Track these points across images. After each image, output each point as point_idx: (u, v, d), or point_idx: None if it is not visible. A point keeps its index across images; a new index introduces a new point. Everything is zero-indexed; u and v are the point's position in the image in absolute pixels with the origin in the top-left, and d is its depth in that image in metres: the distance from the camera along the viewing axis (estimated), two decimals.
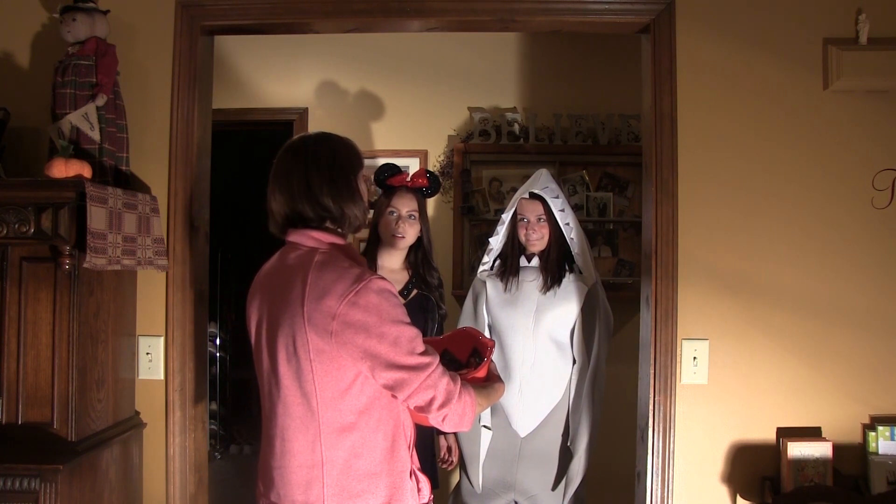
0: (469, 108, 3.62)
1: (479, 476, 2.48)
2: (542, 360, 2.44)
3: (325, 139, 1.64)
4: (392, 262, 2.51)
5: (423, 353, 1.51)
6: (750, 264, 2.22)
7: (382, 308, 1.48)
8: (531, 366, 2.44)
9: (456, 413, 1.54)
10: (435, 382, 1.51)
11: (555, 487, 2.43)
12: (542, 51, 3.68)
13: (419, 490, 1.63)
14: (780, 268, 2.22)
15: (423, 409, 1.53)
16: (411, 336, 1.50)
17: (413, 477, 1.62)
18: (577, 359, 2.45)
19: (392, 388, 1.51)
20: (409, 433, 1.64)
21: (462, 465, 2.56)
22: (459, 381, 1.58)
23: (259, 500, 1.65)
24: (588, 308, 2.46)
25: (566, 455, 2.43)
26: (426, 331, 2.43)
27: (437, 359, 1.55)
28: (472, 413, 1.58)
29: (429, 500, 1.68)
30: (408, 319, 1.53)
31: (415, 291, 2.48)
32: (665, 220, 2.21)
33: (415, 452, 1.67)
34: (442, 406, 1.52)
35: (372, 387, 1.53)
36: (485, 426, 2.50)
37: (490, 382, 1.72)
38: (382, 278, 1.52)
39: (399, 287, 2.48)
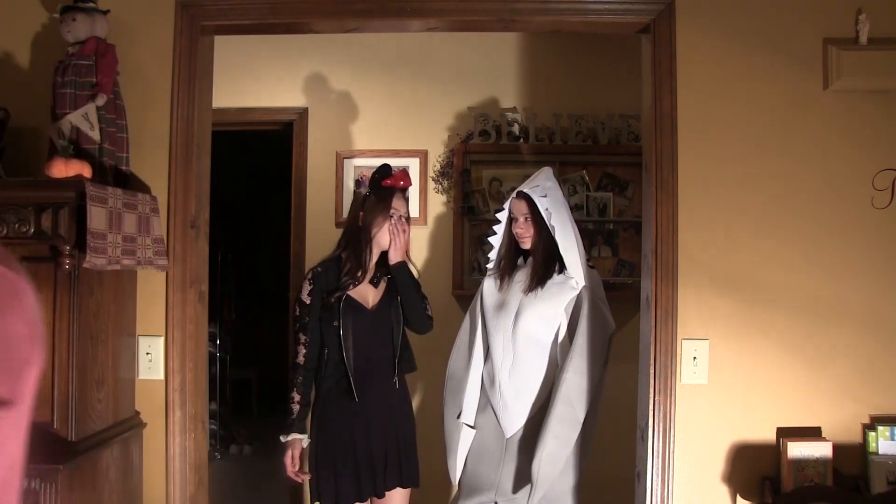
0: (469, 108, 3.62)
1: (456, 470, 2.48)
2: (520, 361, 2.40)
3: None
4: (372, 263, 2.52)
5: None
6: (750, 264, 2.22)
7: None
8: (510, 367, 2.41)
9: None
10: None
11: None
12: (542, 51, 3.68)
13: None
14: (780, 267, 2.22)
15: None
16: None
17: None
18: (559, 364, 2.38)
19: None
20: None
21: None
22: None
23: None
24: (574, 314, 2.39)
25: None
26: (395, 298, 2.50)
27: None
28: None
29: None
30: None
31: (384, 279, 2.52)
32: (665, 220, 2.21)
33: None
34: None
35: None
36: (466, 424, 2.49)
37: None
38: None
39: (369, 276, 2.51)
